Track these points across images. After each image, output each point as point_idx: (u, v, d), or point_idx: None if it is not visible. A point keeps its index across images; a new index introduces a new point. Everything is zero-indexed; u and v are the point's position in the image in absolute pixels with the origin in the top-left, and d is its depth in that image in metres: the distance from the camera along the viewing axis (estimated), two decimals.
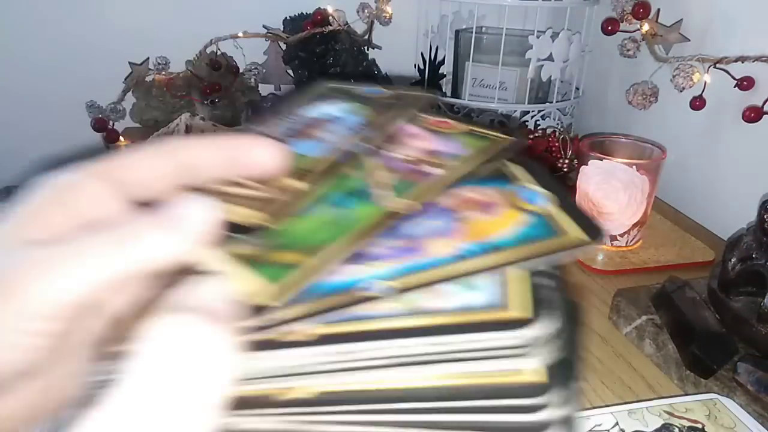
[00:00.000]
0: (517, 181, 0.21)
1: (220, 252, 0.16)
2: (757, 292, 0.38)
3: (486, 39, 0.77)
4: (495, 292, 0.16)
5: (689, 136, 0.64)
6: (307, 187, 0.18)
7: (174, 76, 0.81)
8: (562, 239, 0.18)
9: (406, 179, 0.20)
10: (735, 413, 0.33)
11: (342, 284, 0.16)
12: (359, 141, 0.21)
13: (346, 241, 0.17)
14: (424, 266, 0.16)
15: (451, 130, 0.23)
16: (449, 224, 0.18)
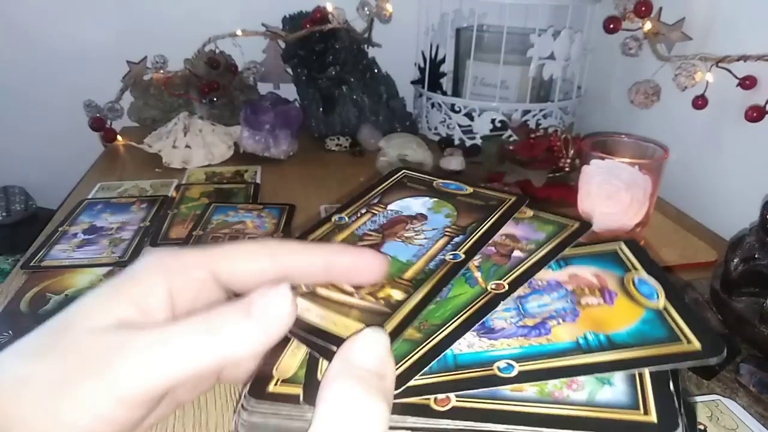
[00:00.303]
0: (633, 270, 0.22)
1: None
2: (759, 293, 0.38)
3: (487, 37, 0.76)
4: (628, 391, 0.17)
5: (691, 136, 0.63)
6: (402, 297, 0.19)
7: (172, 75, 0.81)
8: (681, 348, 0.18)
9: (494, 261, 0.21)
10: (737, 414, 0.32)
11: (476, 356, 0.17)
12: (450, 249, 0.22)
13: (461, 319, 0.18)
14: (550, 351, 0.18)
15: (521, 215, 0.25)
16: (571, 308, 0.20)
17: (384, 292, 0.19)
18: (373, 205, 0.25)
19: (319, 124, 0.80)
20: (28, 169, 0.88)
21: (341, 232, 0.23)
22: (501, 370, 0.17)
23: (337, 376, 0.15)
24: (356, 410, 0.14)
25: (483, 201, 0.26)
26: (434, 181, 0.27)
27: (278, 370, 0.18)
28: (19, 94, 0.85)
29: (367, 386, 0.15)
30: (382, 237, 0.23)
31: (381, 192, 0.26)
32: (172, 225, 0.54)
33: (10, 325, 0.40)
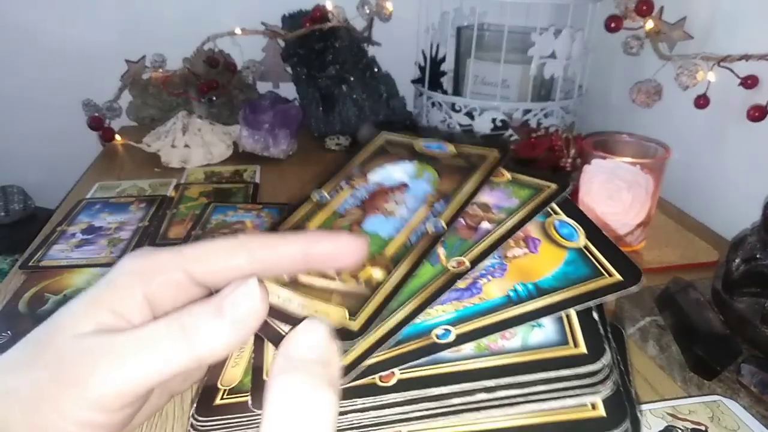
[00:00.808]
0: (553, 215, 0.22)
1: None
2: (761, 293, 0.37)
3: (488, 36, 0.76)
4: (556, 329, 0.17)
5: (693, 135, 0.63)
6: (382, 276, 0.19)
7: (171, 74, 0.81)
8: (603, 282, 0.19)
9: (460, 236, 0.21)
10: (738, 415, 0.32)
11: (414, 328, 0.18)
12: (431, 217, 0.21)
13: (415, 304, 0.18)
14: (483, 310, 0.18)
15: (498, 179, 0.24)
16: (499, 263, 0.20)
17: (366, 273, 0.19)
18: (354, 177, 0.25)
19: (319, 124, 0.80)
20: (27, 168, 0.88)
21: (322, 210, 0.23)
22: (439, 337, 0.17)
23: (280, 372, 0.15)
24: (303, 402, 0.14)
25: (465, 160, 0.25)
26: (414, 143, 0.26)
27: (223, 382, 0.18)
28: (18, 93, 0.85)
29: (310, 377, 0.15)
30: (363, 212, 0.22)
31: (361, 162, 0.26)
32: (171, 225, 0.54)
33: (9, 325, 0.39)
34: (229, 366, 0.19)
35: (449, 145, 0.26)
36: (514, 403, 0.16)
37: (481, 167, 0.24)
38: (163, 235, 0.52)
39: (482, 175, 0.23)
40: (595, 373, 0.16)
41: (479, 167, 0.24)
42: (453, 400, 0.16)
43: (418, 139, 0.27)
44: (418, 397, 0.16)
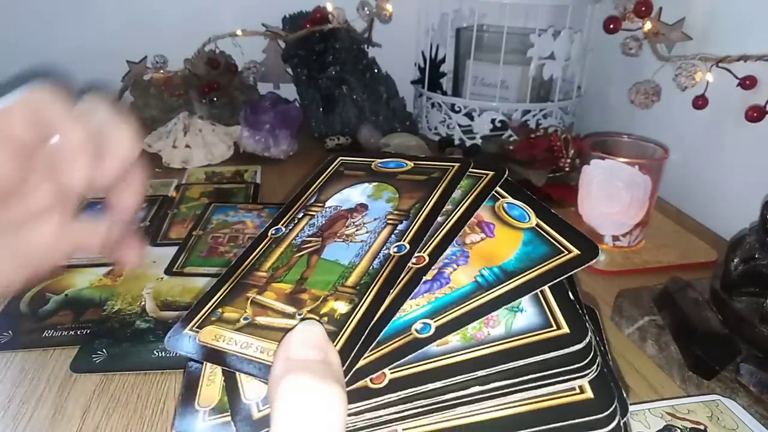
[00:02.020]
0: (501, 198, 0.22)
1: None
2: (759, 293, 0.38)
3: (487, 37, 0.76)
4: (537, 312, 0.18)
5: (692, 136, 0.63)
6: (347, 309, 0.18)
7: (172, 75, 0.81)
8: (564, 258, 0.19)
9: None
10: (737, 415, 0.32)
11: (392, 325, 0.17)
12: (393, 239, 0.21)
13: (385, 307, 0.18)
14: (456, 298, 0.18)
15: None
16: (460, 251, 0.20)
17: (327, 307, 0.19)
18: (311, 205, 0.24)
19: (319, 124, 0.80)
20: None
21: (279, 245, 0.22)
22: (419, 332, 0.17)
23: (284, 374, 0.15)
24: (313, 397, 0.14)
25: (425, 175, 0.24)
26: (372, 162, 0.26)
27: (200, 402, 0.18)
28: None
29: (315, 374, 0.15)
30: (322, 240, 0.22)
31: (318, 188, 0.25)
32: (172, 225, 0.54)
33: (10, 325, 0.40)
34: (203, 384, 0.19)
35: (407, 161, 0.26)
36: (507, 392, 0.16)
37: (442, 180, 0.23)
38: (164, 235, 0.52)
39: (444, 188, 0.23)
40: (580, 354, 0.16)
41: (440, 181, 0.23)
42: (447, 395, 0.16)
43: (375, 159, 0.26)
44: (411, 395, 0.16)
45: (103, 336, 0.38)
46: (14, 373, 0.36)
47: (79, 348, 0.37)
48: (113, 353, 0.37)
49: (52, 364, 0.36)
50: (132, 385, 0.35)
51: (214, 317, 0.20)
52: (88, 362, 0.36)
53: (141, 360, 0.36)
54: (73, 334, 0.39)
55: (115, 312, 0.41)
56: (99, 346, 0.37)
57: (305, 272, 0.20)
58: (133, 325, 0.40)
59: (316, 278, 0.20)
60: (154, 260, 0.48)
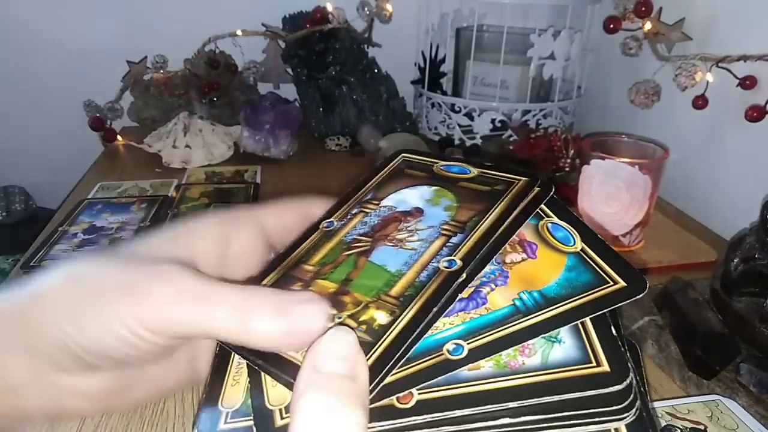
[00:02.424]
0: (545, 218, 0.21)
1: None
2: (759, 293, 0.38)
3: (487, 37, 0.76)
4: (577, 345, 0.17)
5: (692, 136, 0.63)
6: (387, 320, 0.17)
7: (172, 75, 0.81)
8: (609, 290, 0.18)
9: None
10: (737, 414, 0.32)
11: (423, 343, 0.17)
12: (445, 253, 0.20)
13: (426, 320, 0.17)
14: (492, 321, 0.17)
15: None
16: (499, 269, 0.19)
17: (367, 314, 0.18)
18: (366, 202, 0.23)
19: (319, 124, 0.80)
20: (28, 169, 0.88)
21: (330, 240, 0.21)
22: (451, 353, 0.17)
23: (306, 388, 0.15)
24: (331, 422, 0.14)
25: (488, 186, 0.23)
26: (435, 164, 0.25)
27: (223, 403, 0.17)
28: (19, 93, 0.85)
29: (338, 393, 0.15)
30: (372, 242, 0.21)
31: (376, 184, 0.24)
32: None
33: None
34: (228, 384, 0.18)
35: (472, 167, 0.24)
36: (538, 428, 0.15)
37: (505, 194, 0.22)
38: None
39: (507, 204, 0.21)
40: (620, 394, 0.15)
41: (504, 196, 0.22)
42: (476, 424, 0.15)
43: (438, 161, 0.25)
44: (438, 419, 0.15)
45: None
46: None
47: None
48: None
49: None
50: None
51: None
52: None
53: None
54: None
55: None
56: None
57: (351, 273, 0.20)
58: None
59: (361, 281, 0.19)
60: None
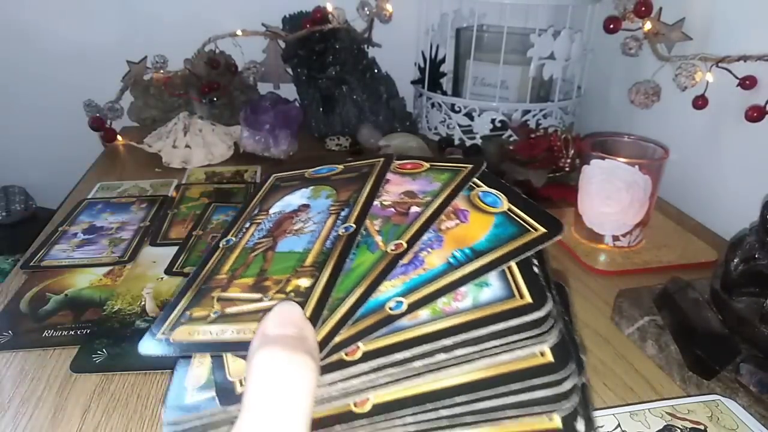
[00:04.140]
0: (476, 188, 0.24)
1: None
2: (760, 293, 0.38)
3: (487, 37, 0.76)
4: (502, 285, 0.19)
5: (692, 136, 0.63)
6: (310, 282, 0.20)
7: (172, 75, 0.81)
8: (530, 236, 0.21)
9: (393, 222, 0.23)
10: (737, 414, 0.32)
11: (368, 305, 0.19)
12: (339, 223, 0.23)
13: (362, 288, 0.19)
14: (429, 278, 0.19)
15: (418, 170, 0.26)
16: (435, 236, 0.22)
17: (291, 285, 0.20)
18: (255, 215, 0.25)
19: (319, 124, 0.80)
20: (28, 168, 0.88)
21: (233, 252, 0.23)
22: (392, 309, 0.18)
23: (258, 347, 0.16)
24: (284, 367, 0.15)
25: (356, 172, 0.26)
26: (305, 172, 0.28)
27: (189, 381, 0.19)
28: (19, 93, 0.85)
29: (288, 347, 0.16)
30: (273, 239, 0.23)
31: (259, 201, 0.27)
32: (172, 225, 0.54)
33: (10, 325, 0.40)
34: (194, 365, 0.20)
35: (337, 165, 0.28)
36: (470, 359, 0.17)
37: (372, 171, 0.26)
38: (164, 235, 0.52)
39: (376, 176, 0.25)
40: (541, 320, 0.17)
41: (371, 173, 0.26)
42: (415, 363, 0.17)
43: (307, 169, 0.29)
44: (382, 365, 0.17)
45: (103, 336, 0.38)
46: (14, 373, 0.36)
47: (79, 348, 0.37)
48: (113, 353, 0.37)
49: (52, 364, 0.36)
50: (132, 385, 0.35)
51: (183, 319, 0.21)
52: (88, 362, 0.36)
53: (141, 360, 0.36)
54: (73, 334, 0.39)
55: (115, 312, 0.41)
56: (99, 346, 0.37)
57: (263, 265, 0.22)
58: (133, 325, 0.40)
59: (276, 267, 0.21)
60: (154, 260, 0.48)
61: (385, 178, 0.25)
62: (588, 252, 0.51)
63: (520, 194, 0.23)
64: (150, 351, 0.20)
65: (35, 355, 0.37)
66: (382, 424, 0.17)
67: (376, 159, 0.27)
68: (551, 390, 0.16)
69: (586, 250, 0.51)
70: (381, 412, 0.17)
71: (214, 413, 0.18)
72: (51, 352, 0.37)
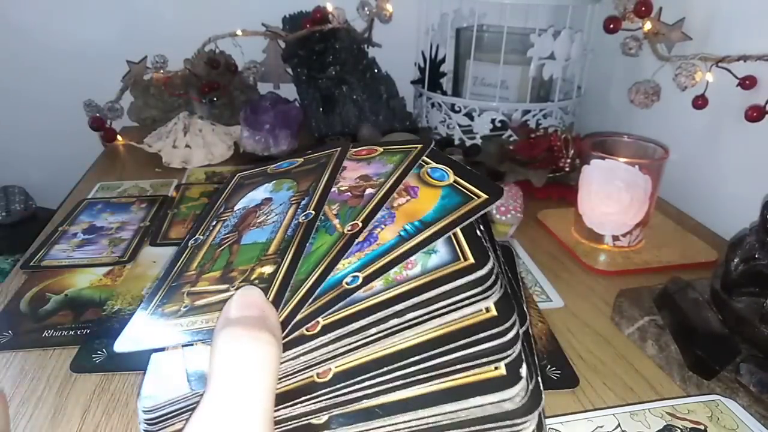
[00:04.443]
0: (425, 165, 0.26)
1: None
2: (760, 293, 0.38)
3: (487, 37, 0.76)
4: (448, 250, 0.20)
5: (691, 136, 0.63)
6: (273, 269, 0.21)
7: (172, 75, 0.81)
8: (474, 203, 0.22)
9: (349, 205, 0.24)
10: (737, 414, 0.32)
11: (326, 284, 0.20)
12: (300, 212, 0.24)
13: (321, 268, 0.20)
14: (382, 251, 0.21)
15: (372, 154, 0.28)
16: (388, 213, 0.23)
17: (256, 273, 0.21)
18: (221, 214, 0.27)
19: (319, 124, 0.80)
20: (28, 168, 0.88)
21: (201, 249, 0.25)
22: (349, 284, 0.20)
23: (220, 329, 0.17)
24: (245, 346, 0.16)
25: (315, 163, 0.28)
26: (267, 168, 0.30)
27: (163, 372, 0.20)
28: (19, 93, 0.85)
29: (250, 326, 0.16)
30: (238, 233, 0.24)
31: (225, 200, 0.28)
32: (171, 225, 0.54)
33: (10, 325, 0.40)
34: (167, 357, 0.21)
35: (297, 159, 0.29)
36: (421, 321, 0.18)
37: (330, 161, 0.27)
38: (164, 235, 0.52)
39: (333, 164, 0.27)
40: (483, 278, 0.19)
41: (328, 162, 0.27)
42: (370, 330, 0.18)
43: (268, 165, 0.30)
44: (340, 335, 0.18)
45: (103, 336, 0.38)
46: (14, 373, 0.36)
47: (79, 348, 0.37)
48: (113, 353, 0.37)
49: (52, 364, 0.36)
50: (132, 385, 0.35)
51: (155, 316, 0.21)
52: (88, 362, 0.36)
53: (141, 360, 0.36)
54: (73, 334, 0.39)
55: (115, 312, 0.41)
56: (99, 346, 0.37)
57: (230, 258, 0.23)
58: None
59: (241, 258, 0.22)
60: (154, 260, 0.48)
61: (342, 166, 0.27)
62: (588, 252, 0.51)
63: (464, 167, 0.25)
64: (125, 348, 0.20)
65: (35, 355, 0.37)
66: (343, 390, 0.18)
67: (333, 149, 0.29)
68: (496, 341, 0.18)
69: (586, 250, 0.51)
70: (342, 380, 0.18)
71: (187, 397, 0.19)
72: (51, 352, 0.37)
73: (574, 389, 0.36)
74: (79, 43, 0.83)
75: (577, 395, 0.35)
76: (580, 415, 0.32)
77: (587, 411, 0.33)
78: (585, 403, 0.35)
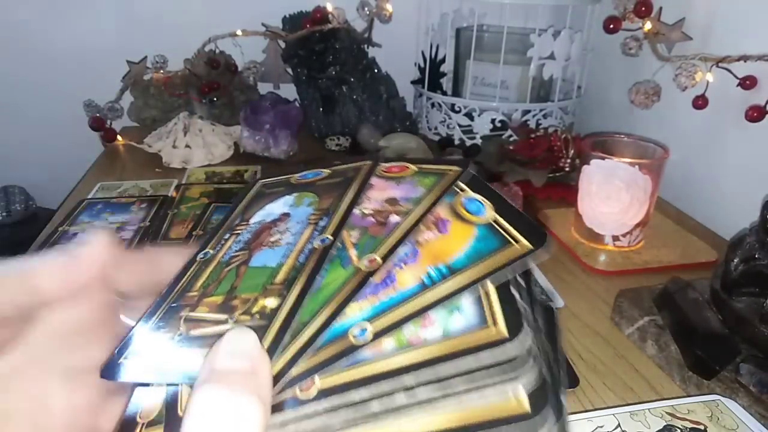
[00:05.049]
0: (461, 192, 0.21)
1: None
2: (759, 293, 0.38)
3: (487, 37, 0.76)
4: (476, 311, 0.17)
5: (692, 136, 0.63)
6: (276, 303, 0.18)
7: (172, 75, 0.81)
8: (510, 250, 0.18)
9: (370, 234, 0.20)
10: (737, 414, 0.32)
11: (331, 333, 0.17)
12: (316, 235, 0.21)
13: (327, 312, 0.17)
14: (398, 300, 0.17)
15: (404, 174, 0.24)
16: (411, 250, 0.19)
17: (258, 305, 0.18)
18: (235, 226, 0.24)
19: (319, 124, 0.80)
20: (28, 169, 0.88)
21: (208, 266, 0.22)
22: (356, 337, 0.16)
23: (202, 383, 0.15)
24: (224, 412, 0.14)
25: (341, 177, 0.24)
26: (291, 177, 0.26)
27: (142, 415, 0.18)
28: (19, 93, 0.85)
29: (233, 386, 0.14)
30: (249, 252, 0.22)
31: (242, 210, 0.25)
32: (172, 225, 0.54)
33: None
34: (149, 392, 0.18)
35: (324, 169, 0.26)
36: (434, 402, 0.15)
37: (356, 176, 0.24)
38: (164, 235, 0.52)
39: (360, 181, 0.23)
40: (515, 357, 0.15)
41: (355, 177, 0.24)
42: (372, 405, 0.15)
43: (293, 174, 0.26)
44: (337, 406, 0.15)
45: None
46: None
47: None
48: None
49: None
50: None
51: (151, 342, 0.19)
52: None
53: None
54: None
55: None
56: None
57: (234, 282, 0.20)
58: None
59: (246, 284, 0.20)
60: None
61: (369, 183, 0.23)
62: (588, 252, 0.51)
63: (506, 201, 0.21)
64: (115, 377, 0.18)
65: None
66: None
67: (363, 162, 0.25)
68: None
69: (586, 250, 0.51)
70: None
71: None
72: None
73: (574, 389, 0.36)
74: (79, 43, 0.83)
75: (577, 395, 0.35)
76: (580, 415, 0.32)
77: (587, 411, 0.33)
78: (585, 403, 0.35)
